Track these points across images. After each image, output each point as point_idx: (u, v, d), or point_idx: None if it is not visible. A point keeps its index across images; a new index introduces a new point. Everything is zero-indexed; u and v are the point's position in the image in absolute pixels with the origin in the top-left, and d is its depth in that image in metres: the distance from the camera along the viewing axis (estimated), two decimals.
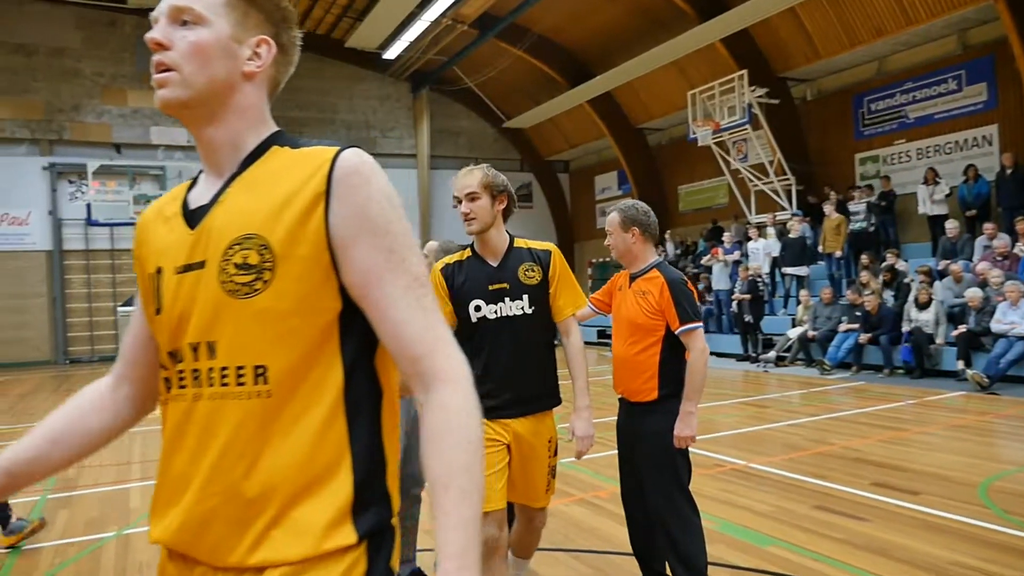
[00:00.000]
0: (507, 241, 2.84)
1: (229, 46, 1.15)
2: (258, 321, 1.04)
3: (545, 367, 2.87)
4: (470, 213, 2.72)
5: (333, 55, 20.76)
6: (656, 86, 17.90)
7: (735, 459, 6.04)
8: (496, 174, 2.78)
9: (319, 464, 1.04)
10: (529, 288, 2.80)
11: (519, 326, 2.79)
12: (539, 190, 23.86)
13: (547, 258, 2.87)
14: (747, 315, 12.82)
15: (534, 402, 2.85)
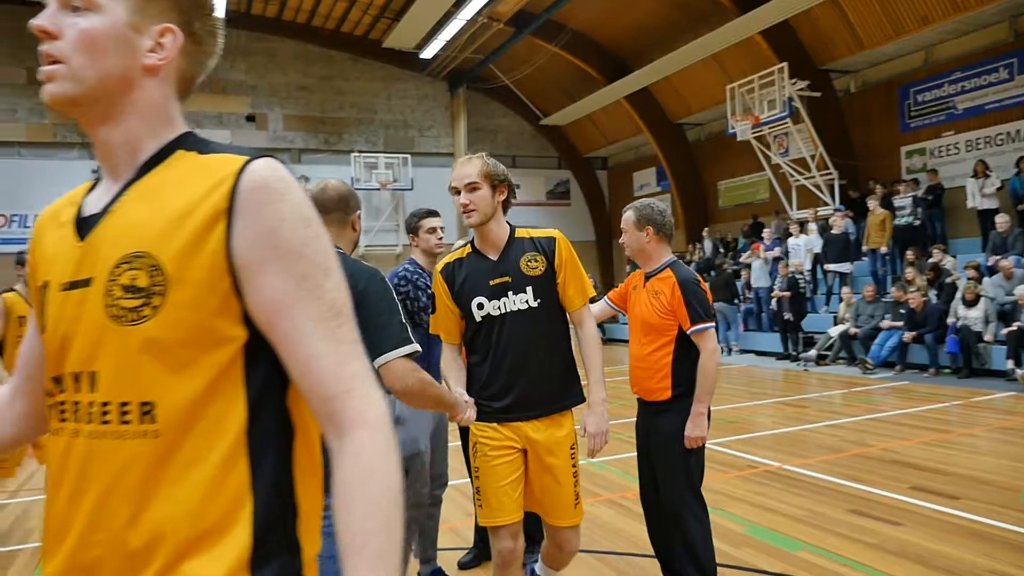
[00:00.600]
0: (507, 232, 2.66)
1: (126, 35, 1.00)
2: (145, 352, 0.91)
3: (558, 364, 2.66)
4: (469, 204, 2.55)
5: (371, 56, 20.95)
6: (694, 81, 17.65)
7: (769, 460, 5.91)
8: (496, 163, 2.62)
9: (214, 512, 0.91)
10: (532, 280, 2.60)
11: (525, 321, 2.59)
12: (577, 187, 23.75)
13: (551, 246, 2.65)
14: (787, 313, 12.57)
15: (548, 403, 2.64)
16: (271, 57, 20.46)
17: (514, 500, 2.61)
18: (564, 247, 2.67)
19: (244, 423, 0.94)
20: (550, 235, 2.69)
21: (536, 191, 23.28)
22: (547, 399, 2.65)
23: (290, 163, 20.46)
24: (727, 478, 5.47)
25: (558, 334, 2.68)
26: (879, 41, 13.85)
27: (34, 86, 18.33)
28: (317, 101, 20.94)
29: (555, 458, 2.63)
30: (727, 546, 4.07)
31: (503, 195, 2.63)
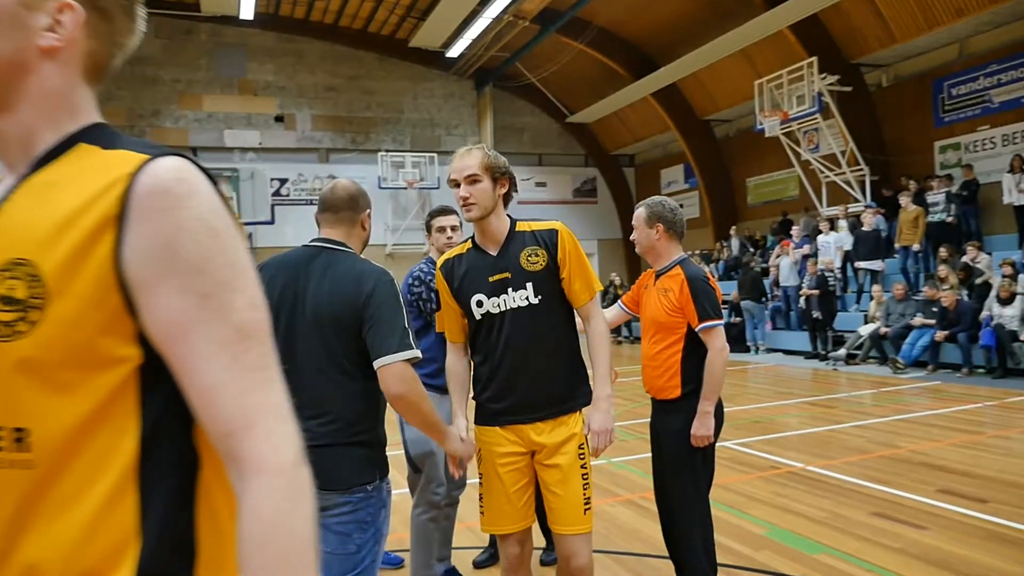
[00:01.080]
0: (508, 226, 2.53)
1: (15, 12, 0.87)
2: (20, 372, 0.81)
3: (563, 364, 2.53)
4: (469, 197, 2.42)
5: (398, 55, 21.06)
6: (722, 76, 17.45)
7: (792, 461, 5.82)
8: (497, 155, 2.50)
9: (93, 554, 0.81)
10: (532, 275, 2.47)
11: (525, 319, 2.46)
12: (604, 185, 23.64)
13: (552, 239, 2.50)
14: (816, 311, 12.37)
15: (551, 405, 2.51)
16: (299, 58, 20.67)
17: (519, 508, 2.50)
18: (567, 240, 2.52)
19: (135, 454, 0.84)
20: (552, 227, 2.54)
21: (563, 189, 23.23)
22: (550, 401, 2.51)
23: (318, 163, 20.81)
24: (749, 479, 5.40)
25: (562, 332, 2.54)
26: (912, 34, 13.56)
27: None
28: (344, 101, 21.12)
29: (561, 457, 2.50)
30: (746, 548, 4.02)
31: (504, 188, 2.50)
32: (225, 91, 20.05)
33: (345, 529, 2.15)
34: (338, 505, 2.14)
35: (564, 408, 2.52)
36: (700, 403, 3.04)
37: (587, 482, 2.53)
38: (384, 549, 2.35)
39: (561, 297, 2.54)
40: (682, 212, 3.25)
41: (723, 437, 6.71)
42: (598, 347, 2.56)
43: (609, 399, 2.55)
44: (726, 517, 4.55)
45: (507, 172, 2.51)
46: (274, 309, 2.20)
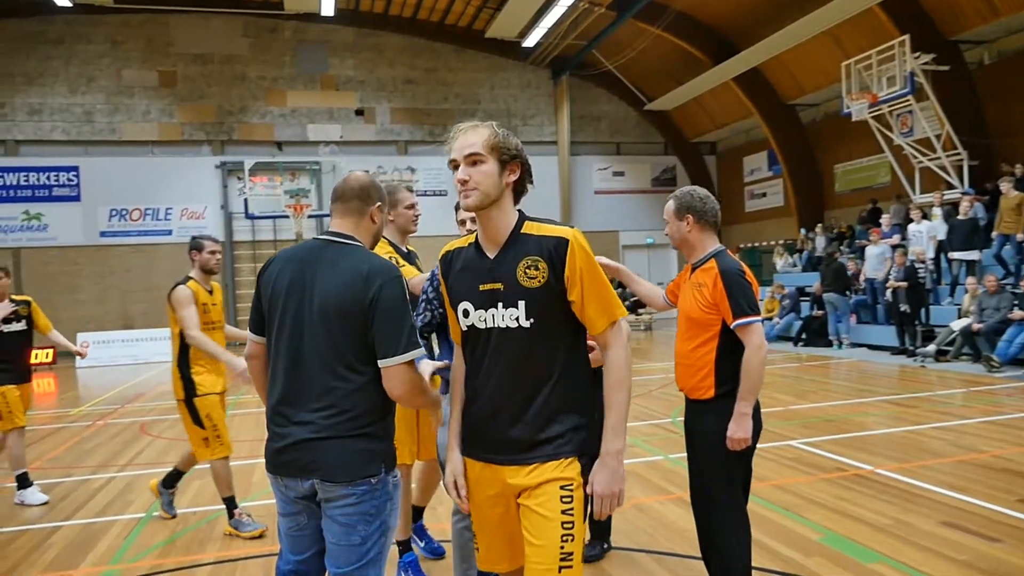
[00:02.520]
0: (512, 225, 2.08)
1: None
2: None
3: (553, 403, 2.04)
4: (468, 181, 2.00)
5: (475, 46, 21.17)
6: (807, 58, 16.70)
7: (861, 463, 5.52)
8: (509, 135, 2.08)
9: None
10: (528, 293, 2.01)
11: (513, 343, 2.03)
12: (683, 173, 23.09)
13: (561, 251, 2.00)
14: (904, 304, 11.70)
15: (533, 449, 2.04)
16: (379, 52, 21.06)
17: (514, 548, 2.15)
18: (579, 254, 2.01)
19: None
20: (561, 235, 2.03)
21: (641, 178, 22.83)
22: (533, 444, 2.04)
23: (397, 155, 21.17)
24: (810, 481, 5.15)
25: (561, 364, 2.06)
26: (1018, 6, 12.58)
27: (165, 88, 19.74)
28: (422, 93, 21.39)
29: (539, 499, 2.01)
30: (796, 554, 3.83)
31: (514, 175, 2.07)
32: (308, 86, 20.64)
33: (349, 521, 2.16)
34: (342, 497, 2.15)
35: (549, 453, 2.04)
36: (737, 404, 2.89)
37: (570, 534, 1.99)
38: (392, 541, 2.35)
39: (564, 321, 2.06)
40: (714, 201, 3.10)
41: (788, 436, 6.50)
42: (613, 388, 2.06)
43: (619, 455, 2.05)
44: (779, 519, 4.36)
45: (519, 157, 2.09)
46: (281, 302, 2.23)
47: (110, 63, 19.43)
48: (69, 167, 19.21)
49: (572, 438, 2.05)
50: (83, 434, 8.22)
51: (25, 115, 19.02)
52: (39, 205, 19.00)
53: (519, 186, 2.11)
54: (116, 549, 4.36)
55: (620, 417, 2.06)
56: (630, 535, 4.23)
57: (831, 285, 13.43)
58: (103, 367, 16.19)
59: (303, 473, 2.15)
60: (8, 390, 5.40)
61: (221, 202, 19.90)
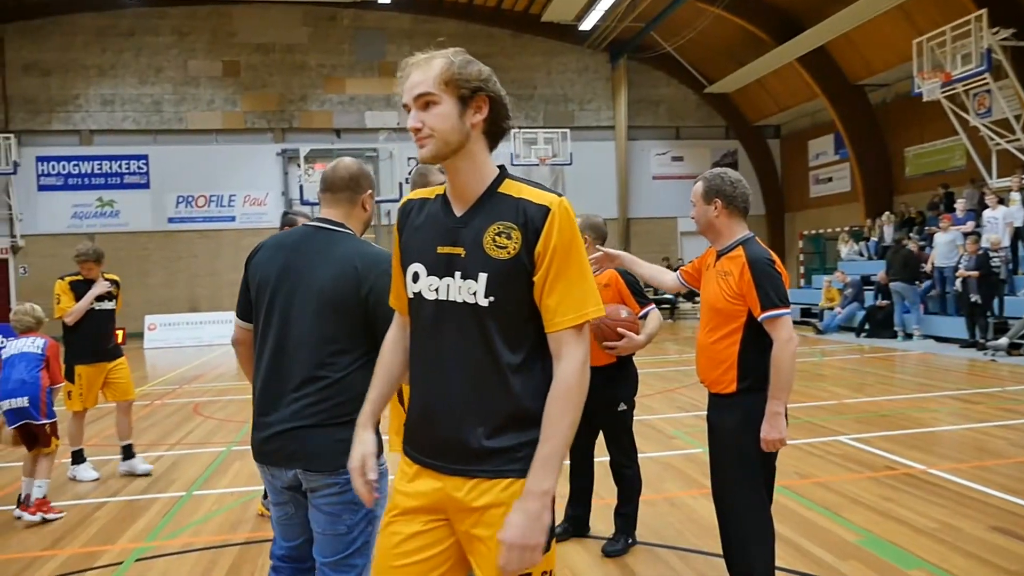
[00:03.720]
0: (487, 179, 1.67)
1: None
2: None
3: (503, 407, 1.63)
4: (421, 128, 1.62)
5: (531, 31, 20.99)
6: (877, 36, 15.94)
7: (913, 462, 5.25)
8: (468, 62, 1.64)
9: None
10: (492, 264, 1.62)
11: (463, 324, 1.64)
12: (745, 158, 22.44)
13: (540, 219, 1.61)
14: (974, 294, 11.10)
15: (479, 459, 1.63)
16: (434, 38, 20.86)
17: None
18: (561, 228, 1.61)
19: None
20: (546, 202, 1.62)
21: (701, 163, 22.28)
22: (479, 453, 1.64)
23: None
24: (856, 479, 4.92)
25: (517, 358, 1.64)
26: None
27: (229, 78, 20.24)
28: None
29: (488, 528, 1.63)
30: (830, 556, 3.66)
31: (480, 113, 1.64)
32: (366, 74, 20.85)
33: (334, 510, 2.15)
34: (326, 486, 2.13)
35: (494, 469, 1.63)
36: (769, 403, 2.73)
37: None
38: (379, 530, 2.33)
39: (531, 308, 1.65)
40: (745, 185, 2.94)
41: (838, 431, 6.24)
42: (555, 410, 1.59)
43: (544, 498, 1.56)
44: (817, 519, 4.17)
45: (485, 89, 1.64)
46: (270, 289, 2.22)
47: (177, 54, 20.03)
48: (139, 155, 19.94)
49: (527, 454, 1.60)
50: (140, 413, 8.53)
51: (98, 106, 19.80)
52: (112, 192, 19.79)
53: (493, 127, 1.68)
54: (153, 527, 4.48)
55: (556, 449, 1.58)
56: (657, 530, 4.11)
57: (899, 274, 12.85)
58: (169, 348, 16.81)
59: (287, 462, 2.14)
60: (85, 370, 5.55)
61: (282, 189, 20.35)
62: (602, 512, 4.13)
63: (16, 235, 19.30)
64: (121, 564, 3.91)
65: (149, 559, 3.98)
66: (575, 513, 4.06)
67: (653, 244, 21.26)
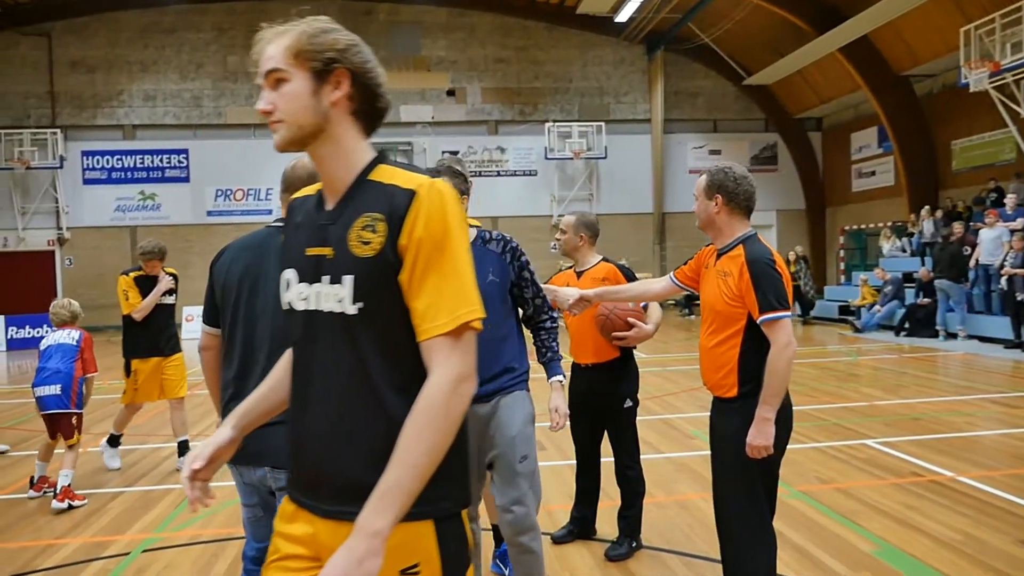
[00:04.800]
0: (358, 167, 1.43)
1: None
2: None
3: (383, 435, 1.35)
4: (273, 112, 1.40)
5: (567, 23, 20.80)
6: (923, 24, 15.39)
7: (941, 468, 5.04)
8: (325, 31, 1.41)
9: None
10: (357, 264, 1.38)
11: (331, 338, 1.41)
12: (785, 151, 21.95)
13: (404, 205, 1.35)
14: (1020, 293, 10.66)
15: (355, 498, 1.32)
16: (470, 32, 21.06)
17: None
18: (431, 213, 1.35)
19: None
20: (412, 185, 1.37)
21: (739, 156, 21.85)
22: (345, 489, 1.38)
23: (487, 135, 21.16)
24: (877, 485, 4.74)
25: (398, 377, 1.38)
26: None
27: None
28: (513, 72, 21.25)
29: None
30: (842, 566, 3.52)
31: (339, 90, 1.40)
32: (401, 68, 20.90)
33: None
34: None
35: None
36: (759, 408, 2.61)
37: None
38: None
39: (402, 314, 1.38)
40: (751, 182, 2.81)
41: (865, 434, 6.03)
42: (409, 427, 1.31)
43: (372, 539, 1.25)
44: (832, 526, 4.02)
45: (342, 61, 1.40)
46: (234, 292, 2.21)
47: (216, 50, 20.35)
48: (180, 150, 20.32)
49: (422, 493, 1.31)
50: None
51: (141, 101, 20.23)
52: (153, 186, 20.22)
53: (363, 107, 1.43)
54: (164, 518, 4.53)
55: (401, 479, 1.27)
56: (665, 534, 4.01)
57: (945, 271, 12.41)
58: None
59: (255, 460, 2.12)
60: (140, 365, 5.61)
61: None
62: (610, 514, 4.03)
63: (62, 227, 19.86)
64: (128, 554, 3.96)
65: (155, 550, 4.02)
66: (580, 514, 3.98)
67: (689, 239, 20.92)
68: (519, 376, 2.84)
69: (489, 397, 2.75)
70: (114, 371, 9.55)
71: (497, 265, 2.79)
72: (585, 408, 3.80)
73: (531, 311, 2.93)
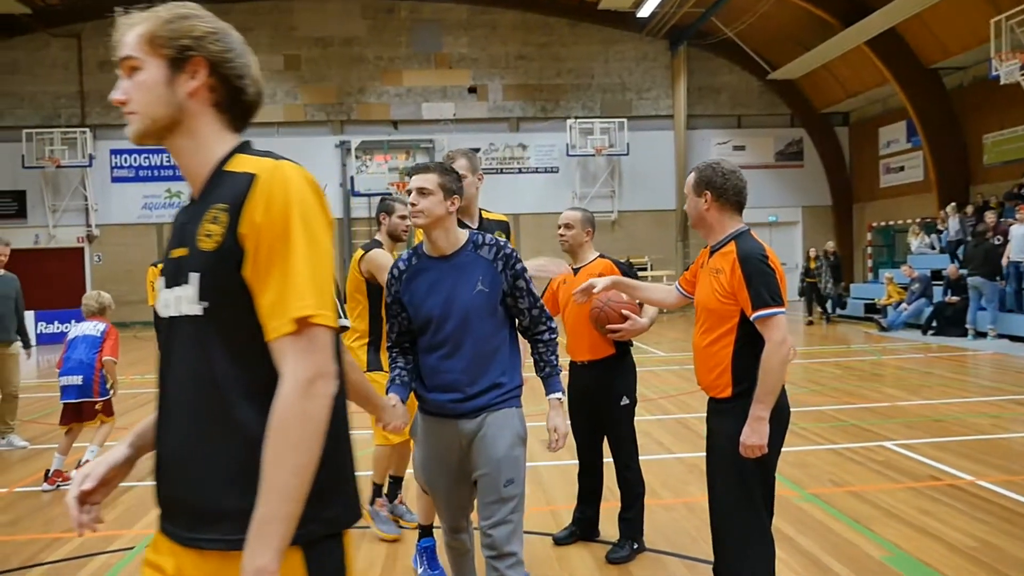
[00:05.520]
0: (216, 158, 1.34)
1: None
2: None
3: (241, 449, 1.23)
4: (127, 102, 1.33)
5: (589, 19, 20.65)
6: (953, 15, 15.02)
7: (962, 472, 4.89)
8: (181, 17, 1.32)
9: None
10: (201, 260, 1.28)
11: (181, 345, 1.31)
12: (811, 147, 21.58)
13: (244, 190, 1.25)
14: None
15: (211, 523, 1.24)
16: (492, 29, 21.00)
17: None
18: (272, 197, 1.23)
19: None
20: (252, 169, 1.28)
21: (763, 153, 21.59)
22: (205, 517, 1.25)
23: (509, 132, 21.10)
24: (893, 488, 4.61)
25: (251, 386, 1.25)
26: None
27: (290, 71, 20.63)
28: (535, 69, 21.16)
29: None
30: (851, 573, 3.41)
31: (195, 80, 1.32)
32: (423, 65, 20.93)
33: None
34: None
35: (224, 538, 1.23)
36: (753, 407, 2.56)
37: None
38: None
39: (248, 313, 1.26)
40: (740, 177, 2.74)
41: (883, 435, 5.89)
42: (268, 450, 1.18)
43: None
44: (843, 531, 3.92)
45: (197, 49, 1.31)
46: None
47: None
48: None
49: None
50: None
51: None
52: (179, 184, 20.43)
53: (227, 98, 1.34)
54: None
55: (274, 509, 1.16)
56: (670, 536, 3.93)
57: (979, 268, 12.09)
58: None
59: None
60: None
61: (340, 180, 20.65)
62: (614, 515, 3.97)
63: (91, 224, 20.20)
64: (132, 549, 3.98)
65: None
66: (583, 515, 3.92)
67: None
68: (508, 392, 2.58)
69: (476, 413, 2.53)
70: (138, 366, 9.70)
71: (487, 274, 2.54)
72: (582, 406, 3.75)
73: (527, 322, 2.66)
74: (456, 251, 2.57)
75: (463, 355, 2.50)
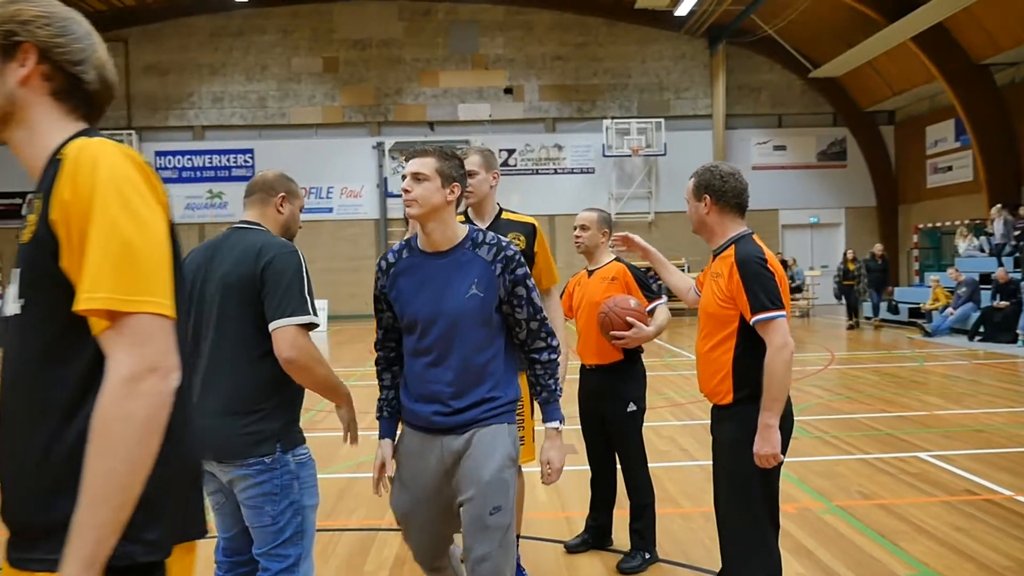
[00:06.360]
0: (53, 145, 1.23)
1: None
2: None
3: (62, 457, 1.14)
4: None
5: (626, 18, 20.47)
6: (1003, 9, 14.48)
7: (1000, 487, 4.67)
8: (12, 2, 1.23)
9: None
10: (20, 254, 1.22)
11: (8, 346, 1.23)
12: (855, 146, 21.06)
13: (54, 172, 1.16)
14: None
15: (35, 540, 1.14)
16: (528, 30, 20.96)
17: None
18: (79, 173, 1.13)
19: None
20: (67, 150, 1.18)
21: (805, 152, 21.15)
22: (29, 533, 1.16)
23: (545, 132, 21.03)
24: (926, 502, 4.42)
25: (68, 389, 1.15)
26: None
27: (329, 74, 20.87)
28: (572, 69, 21.06)
29: None
30: None
31: (25, 68, 1.23)
32: (459, 67, 20.99)
33: (256, 503, 2.22)
34: (241, 479, 2.21)
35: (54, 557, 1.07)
36: (761, 415, 2.47)
37: None
38: (314, 520, 2.35)
39: (61, 314, 1.14)
40: (739, 179, 2.65)
41: (919, 446, 5.68)
42: (88, 452, 1.07)
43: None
44: (869, 546, 3.76)
45: (26, 34, 1.22)
46: (189, 285, 2.31)
47: (281, 52, 20.84)
48: (245, 149, 20.91)
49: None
50: None
51: (209, 103, 20.89)
52: (220, 184, 20.85)
53: (63, 86, 1.26)
54: None
55: (92, 517, 1.04)
56: (685, 547, 3.83)
57: None
58: None
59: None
60: None
61: (377, 181, 20.82)
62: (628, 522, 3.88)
63: None
64: None
65: None
66: (596, 522, 3.84)
67: None
68: (501, 407, 2.29)
69: (463, 429, 2.25)
70: None
71: (483, 276, 2.24)
72: (591, 411, 3.68)
73: (523, 335, 2.33)
74: (452, 248, 2.29)
75: (450, 365, 2.24)
